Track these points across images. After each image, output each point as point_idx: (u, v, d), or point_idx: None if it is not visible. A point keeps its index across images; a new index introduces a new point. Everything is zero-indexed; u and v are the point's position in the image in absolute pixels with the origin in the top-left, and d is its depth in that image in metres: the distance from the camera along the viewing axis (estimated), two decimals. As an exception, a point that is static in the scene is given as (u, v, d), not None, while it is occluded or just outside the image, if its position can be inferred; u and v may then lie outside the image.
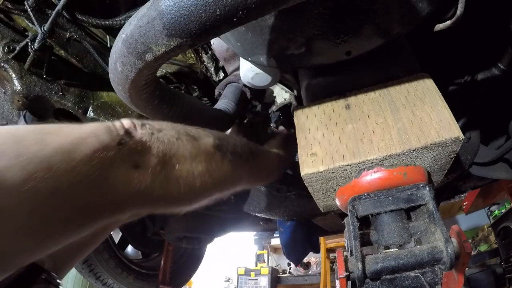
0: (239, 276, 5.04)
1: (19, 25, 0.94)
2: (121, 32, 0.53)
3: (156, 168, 0.49)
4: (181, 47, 0.48)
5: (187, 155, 0.54)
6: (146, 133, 0.50)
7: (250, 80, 0.84)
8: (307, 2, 0.56)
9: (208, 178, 0.58)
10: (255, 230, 2.61)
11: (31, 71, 0.91)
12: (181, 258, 2.31)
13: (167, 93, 0.70)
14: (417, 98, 0.64)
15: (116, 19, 0.96)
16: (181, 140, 0.55)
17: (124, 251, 2.08)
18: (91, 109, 1.03)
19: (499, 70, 0.89)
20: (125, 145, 0.46)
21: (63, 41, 0.96)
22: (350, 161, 0.59)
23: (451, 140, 0.56)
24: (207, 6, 0.43)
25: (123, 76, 0.56)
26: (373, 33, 0.63)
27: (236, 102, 0.95)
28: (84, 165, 0.41)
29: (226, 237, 1.98)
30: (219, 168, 0.61)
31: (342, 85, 0.73)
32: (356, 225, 0.57)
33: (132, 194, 0.46)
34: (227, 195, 0.71)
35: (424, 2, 0.61)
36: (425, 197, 0.57)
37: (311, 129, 0.68)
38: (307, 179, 0.63)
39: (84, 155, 0.41)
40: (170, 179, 0.51)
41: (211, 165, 0.59)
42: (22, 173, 0.36)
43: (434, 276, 0.53)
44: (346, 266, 0.54)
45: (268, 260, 5.90)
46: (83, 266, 1.68)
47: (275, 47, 0.68)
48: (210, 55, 1.10)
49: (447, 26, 0.65)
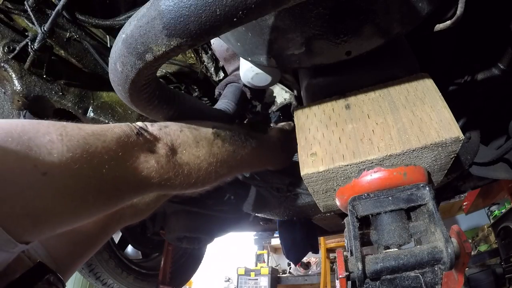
0: (239, 276, 5.04)
1: (19, 25, 0.94)
2: (121, 32, 0.53)
3: (168, 153, 0.59)
4: (181, 47, 0.48)
5: (191, 142, 0.65)
6: (155, 128, 0.62)
7: (250, 80, 0.84)
8: (307, 2, 0.56)
9: (213, 159, 0.68)
10: (255, 230, 2.61)
11: (31, 71, 0.91)
12: (181, 258, 2.31)
13: (167, 93, 0.70)
14: (417, 98, 0.64)
15: (116, 19, 0.96)
16: (184, 131, 0.66)
17: (124, 251, 2.08)
18: (91, 109, 1.03)
19: (499, 70, 0.89)
20: (142, 135, 0.57)
21: (63, 41, 0.96)
22: (350, 161, 0.59)
23: (451, 140, 0.56)
24: (207, 6, 0.42)
25: (123, 76, 0.56)
26: (373, 33, 0.63)
27: (236, 102, 0.95)
28: (113, 146, 0.51)
29: (226, 237, 1.97)
30: (221, 151, 0.71)
31: (342, 85, 0.73)
32: (356, 225, 0.57)
33: (151, 174, 0.56)
34: (234, 176, 0.82)
35: (424, 2, 0.61)
36: (425, 197, 0.57)
37: (311, 129, 0.68)
38: (307, 179, 0.63)
39: (112, 138, 0.51)
40: (181, 162, 0.62)
41: (213, 147, 0.69)
42: (63, 148, 0.44)
43: (434, 276, 0.53)
44: (346, 266, 0.54)
45: (268, 260, 5.90)
46: (83, 266, 1.68)
47: (275, 47, 0.68)
48: (210, 55, 1.10)
49: (447, 26, 0.65)
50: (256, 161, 0.88)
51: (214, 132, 0.71)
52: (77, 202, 0.46)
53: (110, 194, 0.51)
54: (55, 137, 0.45)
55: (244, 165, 0.82)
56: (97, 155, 0.48)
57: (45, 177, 0.42)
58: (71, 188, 0.45)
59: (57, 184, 0.44)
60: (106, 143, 0.50)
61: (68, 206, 0.46)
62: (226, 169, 0.73)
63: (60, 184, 0.44)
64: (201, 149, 0.66)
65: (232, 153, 0.74)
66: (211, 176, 0.69)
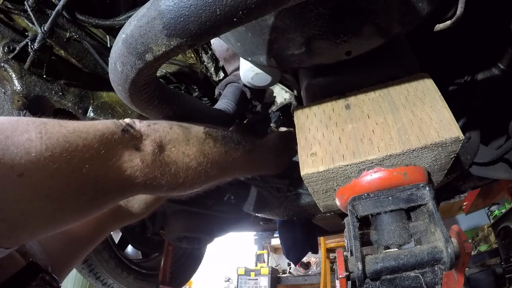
0: (239, 276, 5.04)
1: (19, 25, 0.94)
2: (121, 32, 0.53)
3: (155, 151, 0.57)
4: (181, 47, 0.48)
5: (181, 139, 0.63)
6: (144, 125, 0.59)
7: (250, 80, 0.84)
8: (307, 2, 0.56)
9: (203, 158, 0.65)
10: (255, 230, 2.61)
11: (31, 71, 0.91)
12: (181, 258, 2.31)
13: (167, 93, 0.70)
14: (417, 98, 0.64)
15: (116, 19, 0.96)
16: (174, 128, 0.64)
17: (124, 251, 2.08)
18: (91, 109, 1.03)
19: (499, 70, 0.89)
20: (128, 132, 0.54)
21: (63, 41, 0.95)
22: (350, 161, 0.59)
23: (451, 140, 0.56)
24: (207, 6, 0.42)
25: (123, 76, 0.56)
26: (373, 33, 0.63)
27: (236, 102, 0.95)
28: (95, 144, 0.48)
29: (226, 237, 1.97)
30: (213, 151, 0.68)
31: (342, 85, 0.73)
32: (356, 225, 0.57)
33: (135, 173, 0.53)
34: (225, 181, 0.78)
35: (424, 2, 0.61)
36: (425, 197, 0.57)
37: (311, 129, 0.68)
38: (307, 179, 0.63)
39: (94, 135, 0.49)
40: (168, 160, 0.59)
41: (204, 146, 0.66)
42: (42, 147, 0.42)
43: (434, 276, 0.53)
44: (346, 266, 0.54)
45: (268, 260, 5.90)
46: (83, 266, 1.68)
47: (275, 47, 0.68)
48: (210, 55, 1.10)
49: (447, 26, 0.65)
50: (249, 165, 0.85)
51: (205, 132, 0.69)
52: (56, 204, 0.44)
53: (91, 195, 0.48)
54: (34, 135, 0.42)
55: (236, 169, 0.79)
56: (77, 154, 0.45)
57: (22, 178, 0.40)
58: (49, 190, 0.43)
59: (34, 186, 0.41)
60: (87, 141, 0.47)
61: (47, 209, 0.43)
62: (217, 171, 0.70)
63: (38, 186, 0.41)
64: (191, 147, 0.63)
65: (224, 154, 0.71)
66: (200, 177, 0.65)
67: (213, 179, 0.71)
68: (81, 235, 0.75)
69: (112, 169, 0.50)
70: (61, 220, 0.46)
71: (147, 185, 0.56)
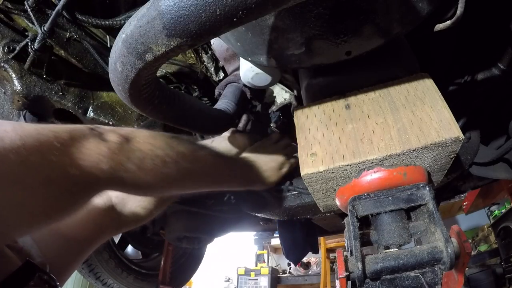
0: (239, 276, 5.04)
1: (19, 25, 0.94)
2: (121, 32, 0.53)
3: (121, 141, 0.59)
4: (181, 47, 0.48)
5: (147, 134, 0.65)
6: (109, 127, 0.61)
7: (250, 80, 0.84)
8: (307, 2, 0.56)
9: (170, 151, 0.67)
10: (255, 230, 2.61)
11: (31, 71, 0.91)
12: (181, 258, 2.31)
13: (167, 93, 0.70)
14: (417, 98, 0.64)
15: (116, 19, 0.96)
16: (139, 129, 0.67)
17: (124, 251, 2.08)
18: (91, 109, 1.03)
19: (499, 70, 0.89)
20: (94, 129, 0.57)
21: (63, 41, 0.96)
22: (350, 161, 0.59)
23: (451, 140, 0.56)
24: (207, 6, 0.42)
25: (123, 76, 0.56)
26: (373, 33, 0.63)
27: (236, 102, 0.95)
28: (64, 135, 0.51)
29: (226, 237, 1.97)
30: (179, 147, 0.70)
31: (342, 85, 0.73)
32: (356, 225, 0.57)
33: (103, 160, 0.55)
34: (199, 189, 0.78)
35: (424, 2, 0.61)
36: (425, 197, 0.57)
37: (311, 129, 0.68)
38: (307, 179, 0.63)
39: (64, 129, 0.51)
40: (134, 148, 0.60)
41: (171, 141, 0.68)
42: (16, 137, 0.44)
43: (434, 276, 0.53)
44: (346, 266, 0.54)
45: (268, 260, 5.90)
46: (83, 266, 1.68)
47: (275, 47, 0.68)
48: (210, 55, 1.10)
49: (447, 26, 0.65)
50: (226, 175, 0.84)
51: (173, 136, 0.71)
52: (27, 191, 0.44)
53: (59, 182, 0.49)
54: (9, 128, 0.45)
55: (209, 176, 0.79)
56: (48, 144, 0.48)
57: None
58: (20, 176, 0.44)
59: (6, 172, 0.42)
60: (57, 134, 0.50)
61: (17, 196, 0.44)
62: (187, 164, 0.70)
63: (9, 172, 0.42)
64: (158, 141, 0.65)
65: (192, 151, 0.72)
66: (169, 167, 0.65)
67: (186, 174, 0.71)
68: (80, 238, 0.75)
69: (79, 156, 0.51)
70: (34, 211, 0.47)
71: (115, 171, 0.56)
